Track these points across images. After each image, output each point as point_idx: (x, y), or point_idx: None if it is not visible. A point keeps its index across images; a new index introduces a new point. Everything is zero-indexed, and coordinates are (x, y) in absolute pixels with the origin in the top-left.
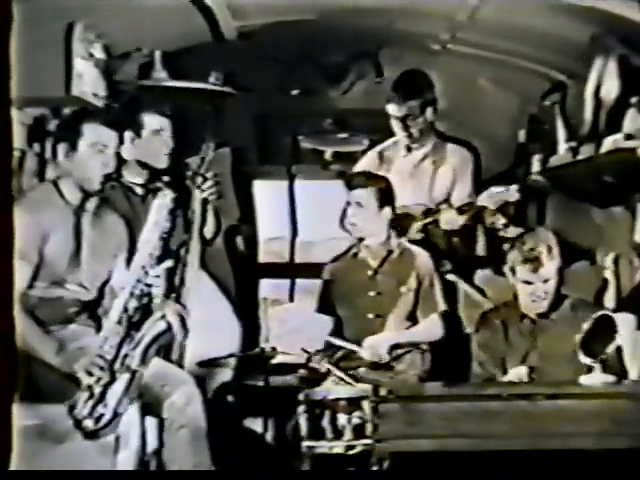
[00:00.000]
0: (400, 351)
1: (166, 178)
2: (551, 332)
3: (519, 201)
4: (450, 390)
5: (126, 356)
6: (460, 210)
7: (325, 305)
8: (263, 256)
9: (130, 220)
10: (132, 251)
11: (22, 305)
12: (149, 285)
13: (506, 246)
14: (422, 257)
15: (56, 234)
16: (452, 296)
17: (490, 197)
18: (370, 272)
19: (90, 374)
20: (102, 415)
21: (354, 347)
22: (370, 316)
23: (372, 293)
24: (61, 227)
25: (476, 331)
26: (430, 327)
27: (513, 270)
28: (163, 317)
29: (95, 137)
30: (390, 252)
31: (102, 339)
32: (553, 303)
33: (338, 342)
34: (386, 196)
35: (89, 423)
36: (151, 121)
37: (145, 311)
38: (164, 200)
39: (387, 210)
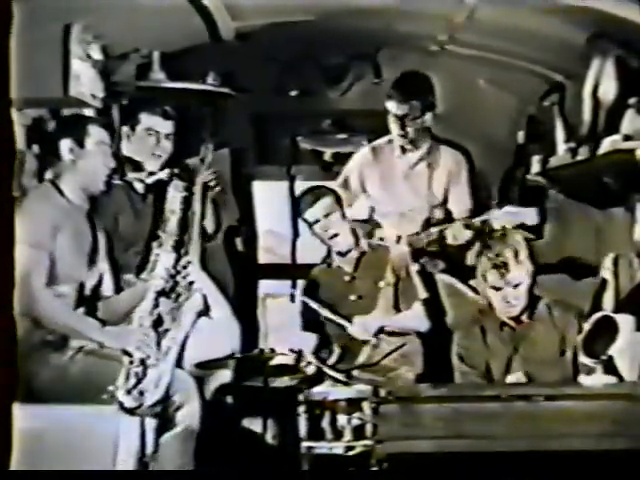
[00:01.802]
0: (392, 344)
1: (176, 170)
2: (531, 337)
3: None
4: (449, 391)
5: (166, 332)
6: (467, 225)
7: (310, 314)
8: (261, 249)
9: (129, 219)
10: (112, 258)
11: (53, 293)
12: (175, 268)
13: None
14: (395, 250)
15: (63, 230)
16: (433, 288)
17: (506, 216)
18: (347, 277)
19: (139, 350)
20: (145, 391)
21: (344, 322)
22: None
23: (353, 297)
24: (67, 224)
25: (456, 344)
26: (415, 316)
27: (484, 277)
28: (197, 291)
29: (100, 137)
30: (363, 254)
31: (137, 319)
32: (526, 306)
33: (330, 316)
34: (340, 200)
35: (132, 399)
36: (148, 119)
37: (177, 294)
38: (177, 189)
39: (347, 213)
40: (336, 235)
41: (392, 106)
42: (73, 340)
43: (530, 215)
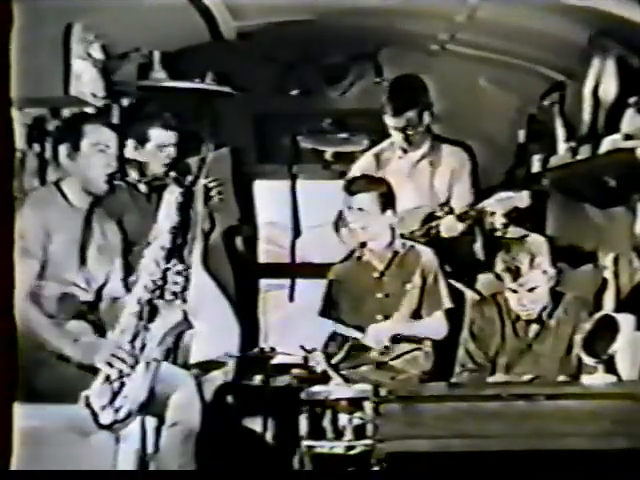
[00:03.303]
0: (405, 347)
1: (173, 174)
2: (547, 334)
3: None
4: (450, 390)
5: (144, 347)
6: (459, 217)
7: (329, 306)
8: (261, 254)
9: (134, 219)
10: (126, 257)
11: (32, 301)
12: (162, 278)
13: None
14: (427, 254)
15: (59, 234)
16: (459, 297)
17: (499, 202)
18: (376, 274)
19: (110, 365)
20: (121, 407)
21: (357, 333)
22: (379, 317)
23: (380, 295)
24: (65, 228)
25: (470, 320)
26: (434, 324)
27: (500, 277)
28: (179, 306)
29: (96, 137)
30: (396, 253)
31: (119, 331)
32: (547, 308)
33: (342, 329)
34: (388, 199)
35: (107, 415)
36: (158, 135)
37: (159, 302)
38: (172, 195)
39: (389, 213)
40: (363, 228)
41: (390, 121)
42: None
43: (522, 198)
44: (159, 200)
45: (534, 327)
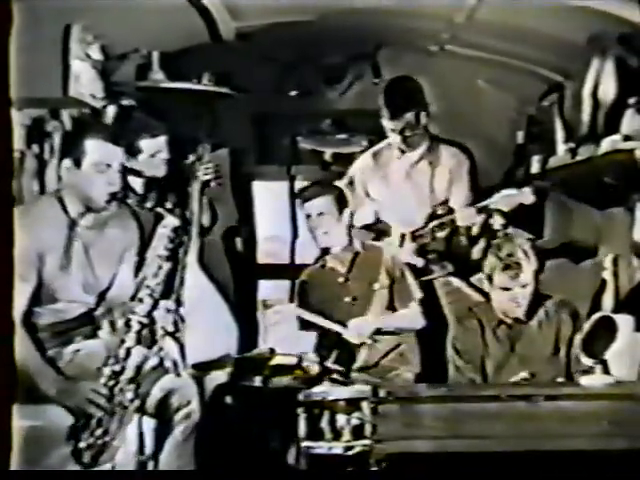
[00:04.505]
0: (390, 344)
1: (169, 205)
2: (529, 336)
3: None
4: (449, 391)
5: (122, 390)
6: (478, 210)
7: (303, 306)
8: (261, 254)
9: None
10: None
11: (24, 327)
12: (147, 315)
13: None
14: (388, 251)
15: (54, 253)
16: (431, 288)
17: (503, 199)
18: (341, 279)
19: (81, 410)
20: (99, 446)
21: (339, 328)
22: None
23: (347, 299)
24: (60, 245)
25: (453, 337)
26: (411, 315)
27: (490, 277)
28: (157, 352)
29: (97, 156)
30: (356, 254)
31: (97, 372)
32: (532, 306)
33: (324, 323)
34: (342, 201)
35: (87, 454)
36: (148, 145)
37: (141, 342)
38: (165, 230)
39: (346, 214)
40: (326, 233)
41: (388, 124)
42: (70, 344)
43: (526, 195)
44: (155, 203)
45: (515, 329)
